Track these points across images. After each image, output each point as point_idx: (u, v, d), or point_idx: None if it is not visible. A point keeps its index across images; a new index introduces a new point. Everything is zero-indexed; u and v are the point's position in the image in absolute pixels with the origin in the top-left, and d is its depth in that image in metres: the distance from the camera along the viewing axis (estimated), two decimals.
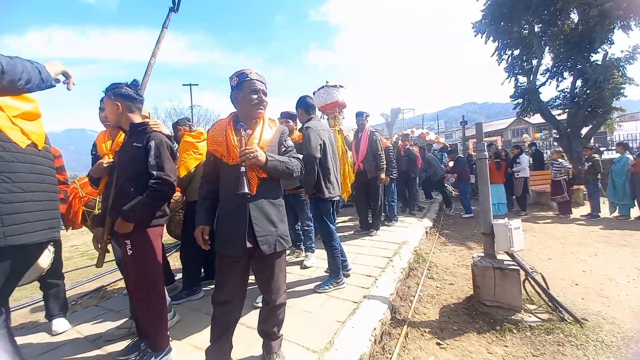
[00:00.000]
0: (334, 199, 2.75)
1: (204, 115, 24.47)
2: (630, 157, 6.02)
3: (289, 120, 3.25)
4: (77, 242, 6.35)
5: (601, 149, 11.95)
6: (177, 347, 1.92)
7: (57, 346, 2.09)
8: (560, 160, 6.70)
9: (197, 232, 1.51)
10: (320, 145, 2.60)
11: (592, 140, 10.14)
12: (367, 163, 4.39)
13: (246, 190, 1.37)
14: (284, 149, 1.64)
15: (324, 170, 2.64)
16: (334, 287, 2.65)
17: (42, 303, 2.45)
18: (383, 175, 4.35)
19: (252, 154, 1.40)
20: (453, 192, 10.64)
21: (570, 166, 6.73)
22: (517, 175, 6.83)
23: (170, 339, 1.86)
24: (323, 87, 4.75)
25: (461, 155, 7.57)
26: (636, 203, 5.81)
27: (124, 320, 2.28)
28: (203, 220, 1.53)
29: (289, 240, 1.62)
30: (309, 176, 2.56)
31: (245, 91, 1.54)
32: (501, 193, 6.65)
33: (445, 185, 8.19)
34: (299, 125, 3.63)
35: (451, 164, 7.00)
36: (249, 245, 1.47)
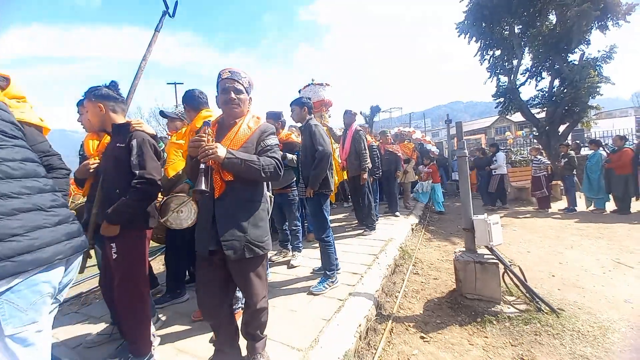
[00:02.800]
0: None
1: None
2: (604, 153, 6.31)
3: (273, 121, 3.25)
4: None
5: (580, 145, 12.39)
6: (161, 351, 1.89)
7: None
8: (539, 157, 6.97)
9: None
10: (327, 142, 2.71)
11: (569, 137, 10.53)
12: (349, 161, 4.40)
13: (202, 187, 1.36)
14: (260, 148, 1.56)
15: (330, 166, 2.74)
16: (330, 286, 2.63)
17: None
18: (365, 176, 4.30)
19: (210, 150, 1.37)
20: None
21: (549, 162, 6.97)
22: (495, 172, 7.09)
23: (153, 343, 1.84)
24: (309, 84, 4.75)
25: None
26: (611, 197, 6.09)
27: (105, 326, 2.23)
28: None
29: (265, 247, 1.54)
30: (321, 172, 2.64)
31: (219, 92, 1.57)
32: (440, 191, 7.10)
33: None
34: (286, 125, 3.61)
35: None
36: (211, 247, 1.47)
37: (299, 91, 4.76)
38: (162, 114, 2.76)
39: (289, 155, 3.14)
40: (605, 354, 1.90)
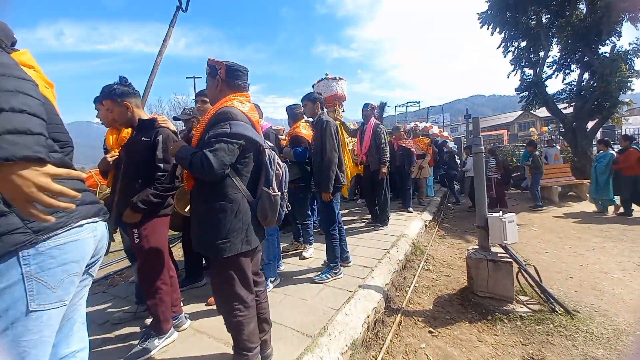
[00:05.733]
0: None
1: None
2: (614, 153, 6.09)
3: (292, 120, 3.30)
4: None
5: (611, 142, 11.74)
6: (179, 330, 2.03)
7: None
8: (492, 158, 6.88)
9: None
10: (338, 142, 2.70)
11: (599, 134, 10.00)
12: (370, 156, 4.39)
13: None
14: (206, 139, 1.42)
15: (339, 162, 2.75)
16: (332, 277, 2.71)
17: None
18: (384, 170, 4.32)
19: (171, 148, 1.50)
20: (457, 186, 10.61)
21: (496, 164, 6.93)
22: (467, 174, 7.01)
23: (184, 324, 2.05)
24: (322, 79, 4.75)
25: None
26: (617, 200, 5.90)
27: (130, 305, 2.40)
28: None
29: (216, 251, 1.41)
30: (329, 174, 2.63)
31: None
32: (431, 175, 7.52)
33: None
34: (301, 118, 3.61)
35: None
36: None
37: (313, 86, 4.78)
38: (176, 119, 2.87)
39: (286, 149, 3.13)
40: (617, 357, 1.87)
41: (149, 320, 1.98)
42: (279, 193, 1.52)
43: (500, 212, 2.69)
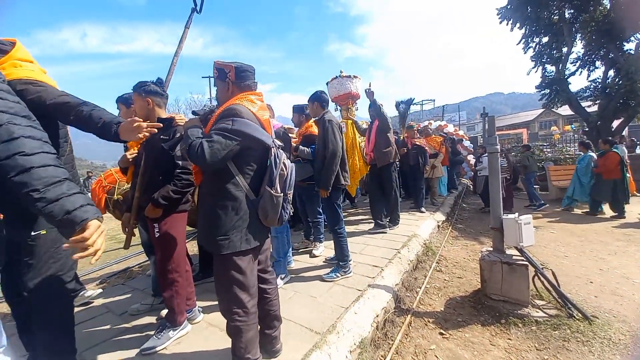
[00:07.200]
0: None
1: None
2: (594, 155, 5.98)
3: (302, 115, 3.32)
4: (105, 227, 6.81)
5: (638, 142, 11.16)
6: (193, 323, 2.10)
7: (88, 318, 2.33)
8: (503, 158, 6.62)
9: None
10: (341, 140, 2.72)
11: (625, 133, 9.52)
12: (377, 151, 4.33)
13: None
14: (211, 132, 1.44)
15: (342, 161, 2.77)
16: (342, 276, 2.73)
17: None
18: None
19: None
20: (470, 186, 10.37)
21: (507, 165, 6.67)
22: (480, 173, 6.77)
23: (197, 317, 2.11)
24: (336, 77, 4.73)
25: None
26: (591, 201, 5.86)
27: (147, 297, 2.49)
28: None
29: (216, 247, 1.41)
30: (331, 172, 2.66)
31: None
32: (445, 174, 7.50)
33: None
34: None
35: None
36: None
37: (327, 84, 4.78)
38: (195, 113, 2.95)
39: (301, 147, 3.15)
40: None
41: (164, 312, 2.06)
42: (282, 194, 1.47)
43: (517, 214, 2.62)
